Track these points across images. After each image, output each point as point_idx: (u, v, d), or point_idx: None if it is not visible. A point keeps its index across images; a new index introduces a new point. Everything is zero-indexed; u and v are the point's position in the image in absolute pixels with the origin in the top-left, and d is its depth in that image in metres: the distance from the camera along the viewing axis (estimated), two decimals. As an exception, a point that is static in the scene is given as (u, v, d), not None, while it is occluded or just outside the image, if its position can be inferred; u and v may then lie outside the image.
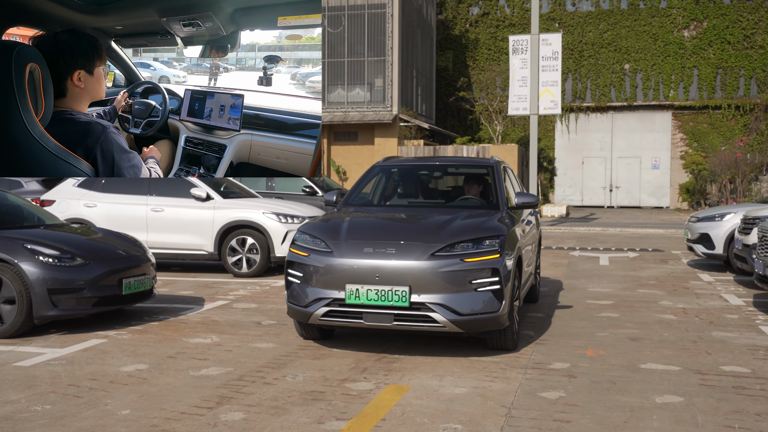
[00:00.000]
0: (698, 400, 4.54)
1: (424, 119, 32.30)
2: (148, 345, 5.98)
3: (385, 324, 5.34)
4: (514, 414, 4.25)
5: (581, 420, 4.14)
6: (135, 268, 6.83)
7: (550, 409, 4.34)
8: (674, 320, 7.22)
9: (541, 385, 4.84)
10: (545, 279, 10.21)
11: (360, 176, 7.39)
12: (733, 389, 4.77)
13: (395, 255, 5.37)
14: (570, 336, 6.43)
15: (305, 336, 6.11)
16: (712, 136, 33.35)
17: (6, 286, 6.12)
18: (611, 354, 5.76)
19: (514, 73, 22.48)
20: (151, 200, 10.68)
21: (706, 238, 11.06)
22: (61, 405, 4.38)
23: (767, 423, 4.11)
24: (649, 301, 8.41)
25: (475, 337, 5.81)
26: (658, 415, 4.23)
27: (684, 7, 33.77)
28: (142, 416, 4.17)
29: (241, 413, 4.25)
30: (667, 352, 5.82)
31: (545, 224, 21.35)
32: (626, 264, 12.25)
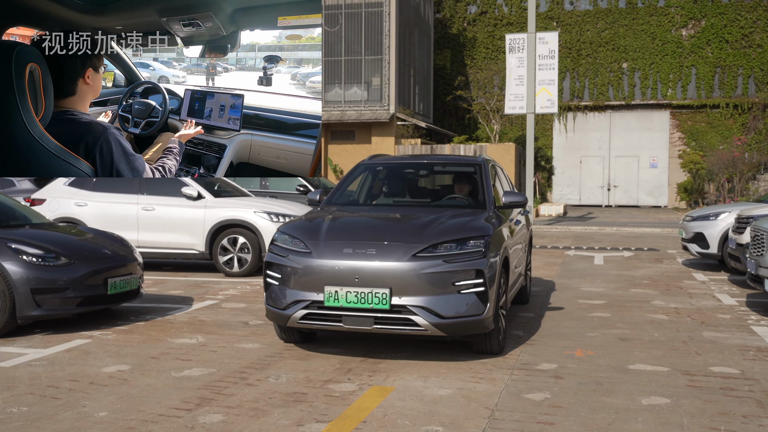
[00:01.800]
0: (685, 401, 4.47)
1: (422, 118, 32.23)
2: (132, 345, 5.92)
3: (365, 327, 5.18)
4: (497, 416, 4.18)
5: (565, 422, 4.08)
6: (121, 267, 6.77)
7: (535, 411, 4.27)
8: (666, 320, 7.15)
9: (527, 387, 4.78)
10: (538, 279, 10.15)
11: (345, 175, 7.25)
12: (721, 390, 4.71)
13: (376, 256, 5.20)
14: (559, 336, 6.37)
15: (285, 339, 5.96)
16: (710, 135, 33.33)
17: (-11, 285, 6.06)
18: (600, 354, 5.70)
19: (510, 72, 22.43)
20: (142, 199, 10.62)
21: (701, 238, 11.00)
22: (38, 407, 4.31)
23: (753, 425, 4.04)
24: (642, 300, 8.35)
25: (460, 341, 5.70)
26: (644, 417, 4.17)
27: (682, 6, 33.74)
28: (119, 418, 4.11)
29: (220, 415, 4.18)
30: (657, 353, 5.76)
31: (542, 223, 21.28)
32: (621, 263, 12.18)
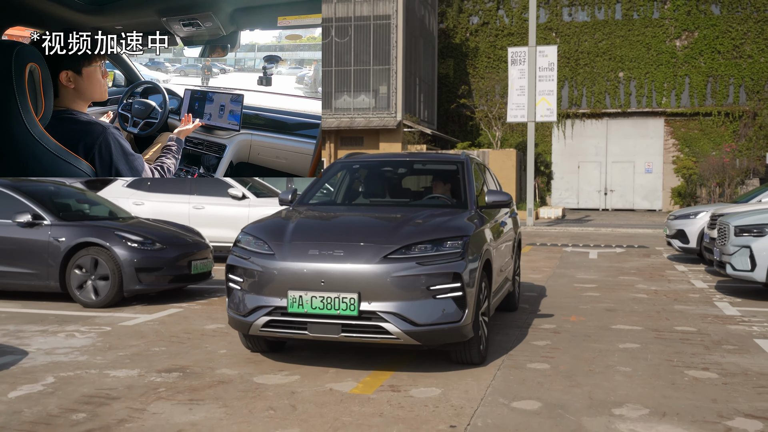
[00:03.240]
0: (651, 346, 6.00)
1: (427, 125, 33.77)
2: (219, 312, 7.43)
3: (332, 336, 4.80)
4: (511, 354, 5.69)
5: (561, 356, 5.60)
6: (200, 252, 8.30)
7: (539, 351, 5.79)
8: (645, 298, 8.68)
9: (533, 338, 6.29)
10: (538, 269, 11.67)
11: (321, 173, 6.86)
12: (679, 340, 6.23)
13: (343, 258, 4.83)
14: (558, 308, 7.89)
15: (252, 348, 5.58)
16: (702, 142, 34.80)
17: (101, 265, 7.57)
18: (589, 319, 7.22)
19: (512, 83, 23.99)
20: (193, 199, 12.14)
21: (682, 234, 12.53)
22: (172, 347, 5.83)
23: (698, 359, 5.56)
24: (628, 285, 9.87)
25: (437, 350, 5.33)
26: (619, 354, 5.69)
27: (676, 18, 35.26)
28: (237, 353, 5.63)
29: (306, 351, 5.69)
30: (635, 318, 7.28)
31: (542, 225, 22.82)
32: (612, 257, 13.72)
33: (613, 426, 3.99)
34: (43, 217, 7.83)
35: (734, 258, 8.46)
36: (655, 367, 5.27)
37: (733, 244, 8.52)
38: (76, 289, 7.62)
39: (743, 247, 8.34)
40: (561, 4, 36.67)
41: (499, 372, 5.10)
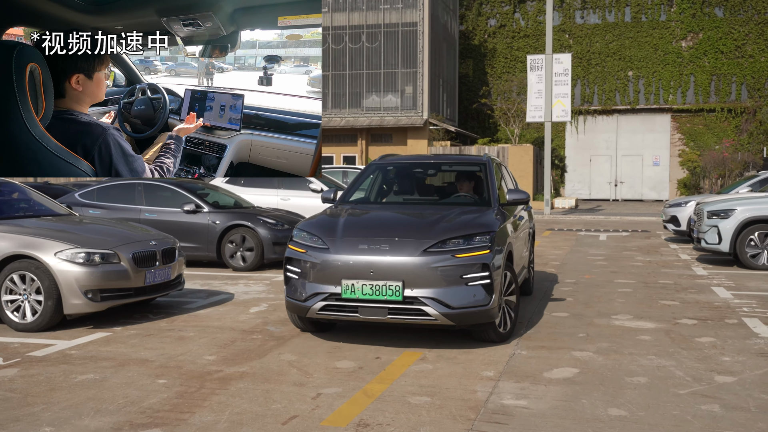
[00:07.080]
0: (640, 290, 8.93)
1: (450, 122, 36.48)
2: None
3: (379, 318, 5.51)
4: (549, 292, 8.63)
5: (580, 295, 8.55)
6: (312, 232, 11.28)
7: (566, 293, 8.72)
8: (641, 265, 11.60)
9: (562, 286, 9.24)
10: (559, 246, 14.61)
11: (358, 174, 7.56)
12: (660, 287, 9.17)
13: (389, 251, 5.51)
14: (576, 271, 10.83)
15: (302, 328, 6.36)
16: (706, 137, 36.90)
17: (248, 240, 10.57)
18: (599, 277, 10.16)
19: (531, 87, 26.80)
20: (280, 192, 15.11)
21: (675, 219, 15.39)
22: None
23: (669, 295, 8.47)
24: (629, 257, 12.79)
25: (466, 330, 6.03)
26: (618, 294, 8.63)
27: (682, 20, 37.25)
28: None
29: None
30: (631, 277, 10.21)
31: (558, 214, 25.68)
32: (619, 239, 16.63)
33: (611, 323, 6.94)
34: (202, 207, 10.85)
35: (707, 234, 11.35)
36: (640, 300, 8.23)
37: (706, 224, 11.41)
38: (229, 258, 10.63)
39: (713, 227, 11.23)
40: (574, 8, 38.53)
41: (541, 300, 8.07)
